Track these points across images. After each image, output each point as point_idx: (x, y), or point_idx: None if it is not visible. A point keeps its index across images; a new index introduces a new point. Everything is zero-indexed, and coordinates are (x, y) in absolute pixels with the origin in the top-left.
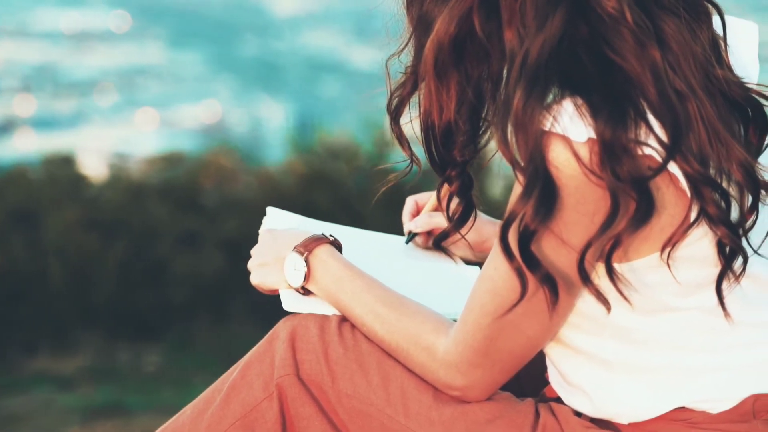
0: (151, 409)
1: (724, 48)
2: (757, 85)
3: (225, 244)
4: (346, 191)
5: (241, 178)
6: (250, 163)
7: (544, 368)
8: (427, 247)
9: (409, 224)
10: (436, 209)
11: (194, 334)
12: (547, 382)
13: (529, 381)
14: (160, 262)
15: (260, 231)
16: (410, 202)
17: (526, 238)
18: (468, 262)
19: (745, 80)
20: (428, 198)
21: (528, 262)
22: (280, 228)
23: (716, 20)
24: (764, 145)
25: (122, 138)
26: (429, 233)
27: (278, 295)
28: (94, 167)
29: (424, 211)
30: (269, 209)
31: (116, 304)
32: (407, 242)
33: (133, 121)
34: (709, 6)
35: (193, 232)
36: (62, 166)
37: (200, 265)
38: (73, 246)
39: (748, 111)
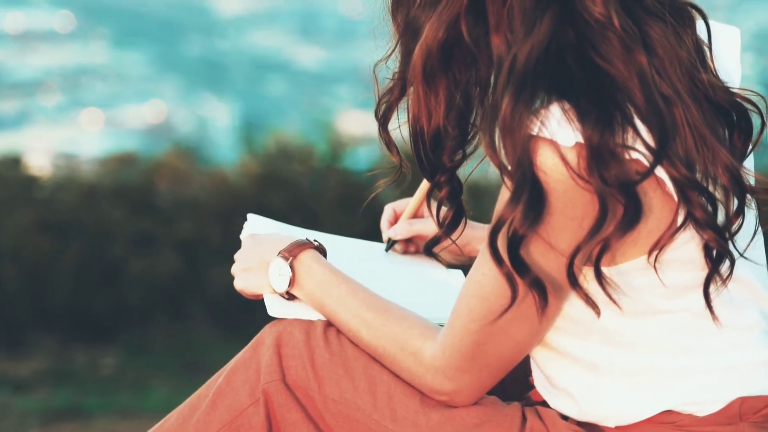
0: (109, 412)
1: (708, 53)
2: (741, 89)
3: (180, 245)
4: (301, 191)
5: (195, 179)
6: (200, 164)
7: (528, 372)
8: (405, 253)
9: (388, 232)
10: (415, 216)
11: (150, 335)
12: (531, 386)
13: (513, 385)
14: (116, 264)
15: (241, 237)
16: (388, 209)
17: (515, 244)
18: (449, 265)
19: (728, 85)
20: (406, 205)
21: (517, 267)
22: (262, 234)
23: (700, 25)
24: (749, 149)
25: (67, 138)
26: (408, 240)
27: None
28: (40, 168)
29: (402, 218)
30: (249, 216)
31: (72, 307)
32: (387, 250)
33: (78, 122)
34: (693, 10)
35: (147, 234)
36: (12, 167)
37: (156, 266)
38: (27, 248)
39: (733, 115)
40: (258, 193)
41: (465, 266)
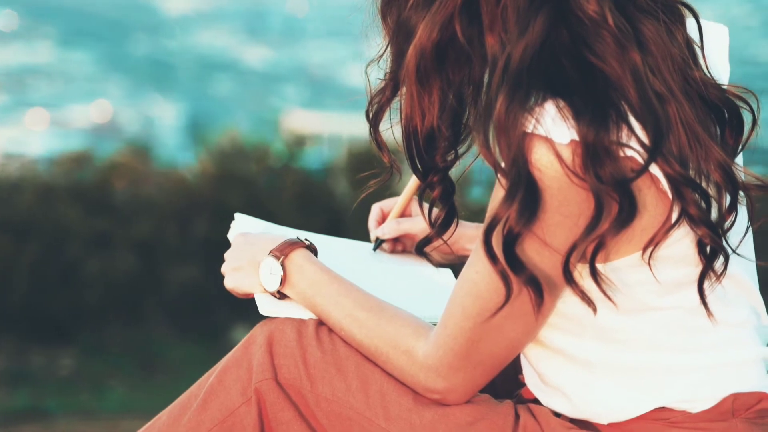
0: (69, 412)
1: (701, 50)
2: (733, 86)
3: (137, 245)
4: (257, 190)
5: (150, 179)
6: (150, 163)
7: (518, 370)
8: (393, 252)
9: (376, 231)
10: (403, 215)
11: (107, 335)
12: (521, 384)
13: (503, 383)
14: (72, 265)
15: (228, 236)
16: (376, 209)
17: (511, 241)
18: (437, 264)
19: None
20: (393, 204)
21: (512, 265)
22: (252, 233)
23: (690, 23)
24: (740, 146)
25: (12, 138)
26: (396, 239)
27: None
28: None
29: (390, 217)
30: (237, 215)
31: (28, 308)
32: (375, 249)
33: (24, 122)
34: (683, 8)
35: (104, 234)
36: None
37: (113, 266)
38: None
39: (725, 112)
40: (213, 192)
41: (453, 265)
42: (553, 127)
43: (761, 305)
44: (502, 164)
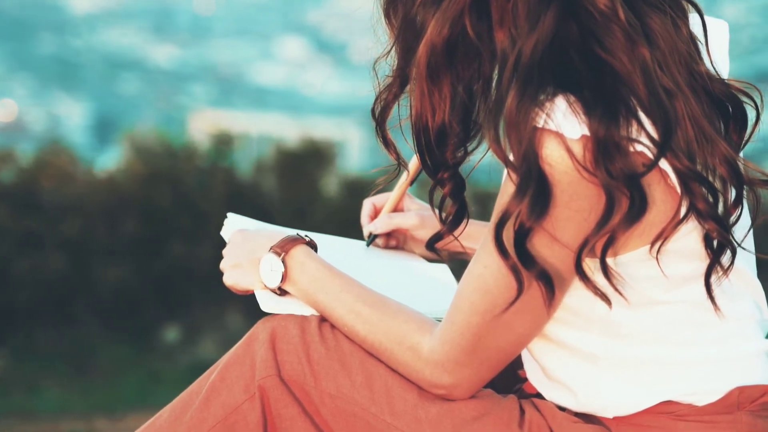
0: (5, 412)
1: (705, 45)
2: (737, 81)
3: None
4: (186, 189)
5: (77, 178)
6: (56, 161)
7: (516, 366)
8: (386, 247)
9: (369, 226)
10: (395, 210)
11: (39, 336)
12: (519, 380)
13: (501, 379)
14: (1, 265)
15: (222, 234)
16: (368, 204)
17: (522, 236)
18: (430, 259)
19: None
20: (385, 200)
21: (523, 259)
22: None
23: (692, 19)
24: (744, 141)
25: None
26: (388, 234)
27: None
28: None
29: (383, 212)
30: (229, 215)
31: None
32: (368, 245)
33: None
34: (685, 3)
35: (32, 234)
36: None
37: (42, 266)
38: None
39: (729, 107)
40: (139, 191)
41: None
42: (564, 122)
43: (763, 299)
44: (512, 159)
